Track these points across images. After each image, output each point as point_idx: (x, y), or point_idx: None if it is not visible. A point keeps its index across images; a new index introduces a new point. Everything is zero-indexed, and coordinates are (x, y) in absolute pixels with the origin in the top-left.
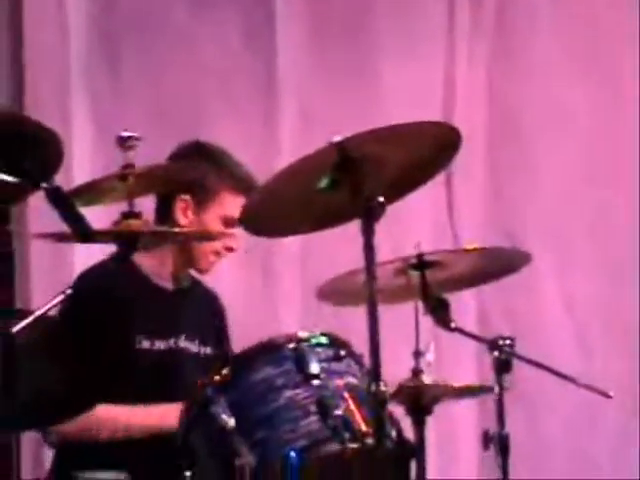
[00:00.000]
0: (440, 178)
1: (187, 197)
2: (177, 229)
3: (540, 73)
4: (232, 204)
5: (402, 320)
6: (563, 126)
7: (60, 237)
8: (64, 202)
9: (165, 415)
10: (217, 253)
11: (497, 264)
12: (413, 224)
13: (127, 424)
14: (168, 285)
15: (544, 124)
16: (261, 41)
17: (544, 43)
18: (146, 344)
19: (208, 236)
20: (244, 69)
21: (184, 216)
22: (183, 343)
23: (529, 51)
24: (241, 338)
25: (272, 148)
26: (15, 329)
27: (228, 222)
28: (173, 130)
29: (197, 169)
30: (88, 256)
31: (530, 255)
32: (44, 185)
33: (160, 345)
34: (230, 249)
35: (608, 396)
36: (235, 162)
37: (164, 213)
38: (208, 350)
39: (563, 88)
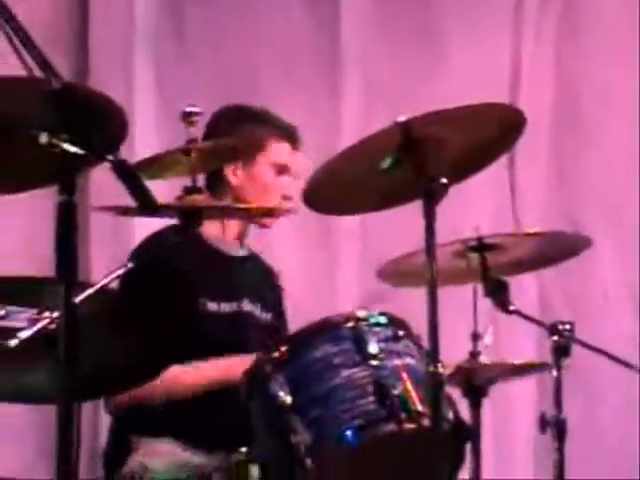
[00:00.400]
0: (503, 160)
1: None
2: (239, 205)
3: (607, 53)
4: (280, 151)
5: (461, 302)
6: (630, 108)
7: (124, 210)
8: (130, 175)
9: (230, 367)
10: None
11: (558, 248)
12: (475, 206)
13: (192, 383)
14: (230, 250)
15: (610, 106)
16: (324, 11)
17: (611, 22)
18: (212, 306)
19: (269, 212)
20: (306, 40)
21: (234, 176)
22: (247, 306)
23: (596, 30)
24: (300, 316)
25: (334, 121)
26: (78, 299)
27: (279, 170)
28: (234, 101)
29: (257, 137)
30: (147, 230)
31: (591, 240)
32: (110, 157)
33: (225, 308)
34: (288, 197)
35: None
36: (274, 114)
37: (214, 178)
38: (269, 317)
39: (631, 68)
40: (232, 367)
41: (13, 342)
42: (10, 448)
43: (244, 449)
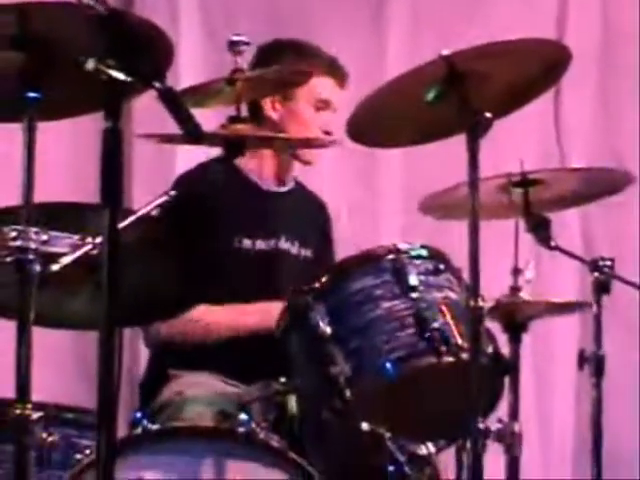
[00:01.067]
0: (549, 94)
1: (275, 94)
2: (283, 135)
3: None
4: (322, 86)
5: (502, 237)
6: None
7: (168, 138)
8: (176, 103)
9: (265, 313)
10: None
11: (601, 184)
12: (519, 140)
13: (226, 325)
14: (269, 186)
15: None
16: None
17: None
18: (247, 243)
19: (313, 143)
20: None
21: (274, 110)
22: (283, 244)
23: None
24: (342, 249)
25: (379, 51)
26: (120, 226)
27: (320, 105)
28: (279, 34)
29: (301, 69)
30: (189, 159)
31: (635, 176)
32: (157, 85)
33: (261, 245)
34: (328, 132)
35: None
36: (317, 47)
37: (254, 111)
38: (308, 253)
39: None
40: (267, 313)
41: (55, 267)
42: (52, 373)
43: (282, 379)
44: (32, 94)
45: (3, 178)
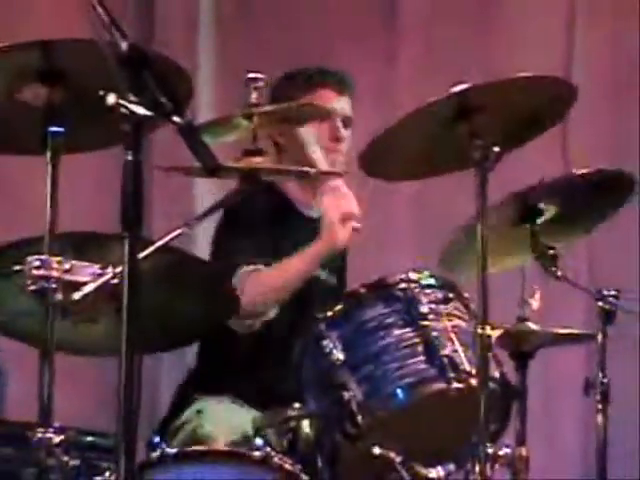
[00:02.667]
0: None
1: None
2: (294, 167)
3: None
4: (324, 98)
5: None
6: None
7: (187, 171)
8: (194, 136)
9: (309, 255)
10: (328, 149)
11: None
12: (526, 172)
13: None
14: (308, 212)
15: None
16: None
17: None
18: None
19: (323, 174)
20: (367, 7)
21: (283, 140)
22: (316, 271)
23: None
24: (355, 277)
25: (392, 86)
26: (141, 255)
27: (324, 117)
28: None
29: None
30: (208, 191)
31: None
32: (176, 119)
33: None
34: (337, 138)
35: None
36: (310, 68)
37: (277, 147)
38: (334, 280)
39: None
40: (311, 255)
41: (77, 295)
42: (73, 398)
43: (297, 405)
44: (56, 128)
45: (29, 209)
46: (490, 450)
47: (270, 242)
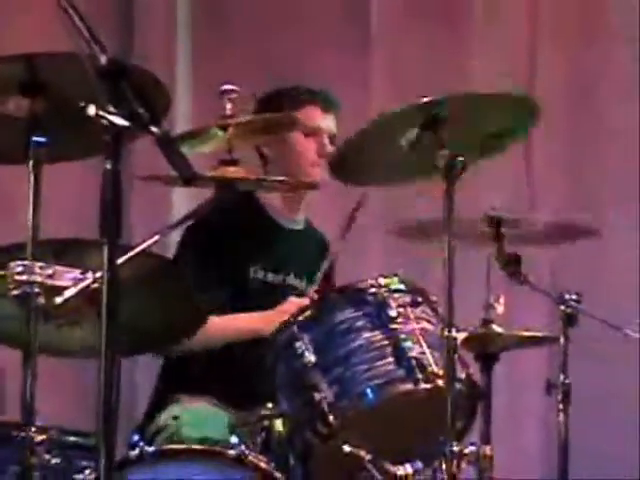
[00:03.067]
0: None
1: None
2: (268, 177)
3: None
4: (310, 115)
5: (476, 272)
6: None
7: (164, 180)
8: (171, 146)
9: (266, 319)
10: (314, 163)
11: (569, 233)
12: (492, 182)
13: (226, 332)
14: (286, 223)
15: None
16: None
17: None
18: (260, 274)
19: (300, 186)
20: (338, 26)
21: (270, 150)
22: (292, 280)
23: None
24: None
25: (364, 102)
26: (119, 261)
27: (308, 130)
28: (270, 77)
29: (289, 117)
30: (186, 198)
31: (600, 231)
32: (154, 129)
33: (272, 278)
34: (322, 155)
35: None
36: (300, 86)
37: (261, 157)
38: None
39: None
40: (264, 320)
41: (59, 299)
42: (55, 399)
43: (270, 405)
44: (38, 138)
45: (10, 216)
46: (456, 448)
47: (229, 265)
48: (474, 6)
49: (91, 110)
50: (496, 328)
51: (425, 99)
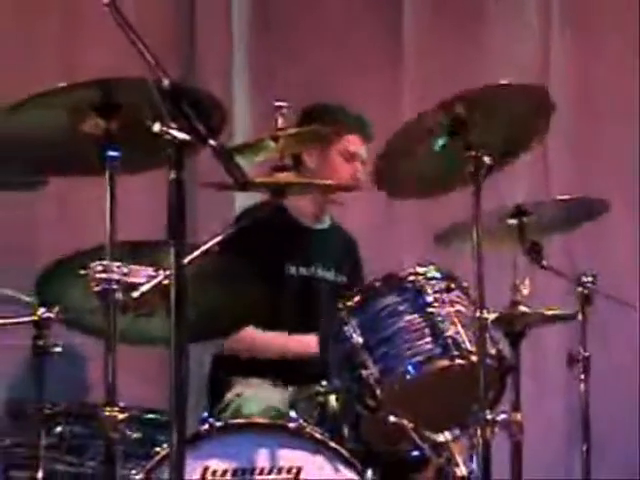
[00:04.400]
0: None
1: (313, 149)
2: (317, 181)
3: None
4: (351, 141)
5: (503, 259)
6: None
7: (223, 186)
8: (226, 157)
9: (304, 344)
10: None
11: (582, 212)
12: (513, 178)
13: (274, 349)
14: (310, 224)
15: (618, 102)
16: (390, 18)
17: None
18: (293, 270)
19: (342, 187)
20: (374, 42)
21: (312, 161)
22: (320, 272)
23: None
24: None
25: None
26: (186, 259)
27: (348, 157)
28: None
29: (330, 128)
30: (246, 201)
31: (609, 203)
32: (211, 142)
33: (303, 272)
34: (356, 179)
35: None
36: (348, 111)
37: (296, 163)
38: (343, 279)
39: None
40: (309, 344)
41: (134, 294)
42: (134, 382)
43: (323, 382)
44: (112, 153)
45: (94, 222)
46: (489, 416)
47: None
48: (498, 27)
49: (156, 127)
50: (522, 308)
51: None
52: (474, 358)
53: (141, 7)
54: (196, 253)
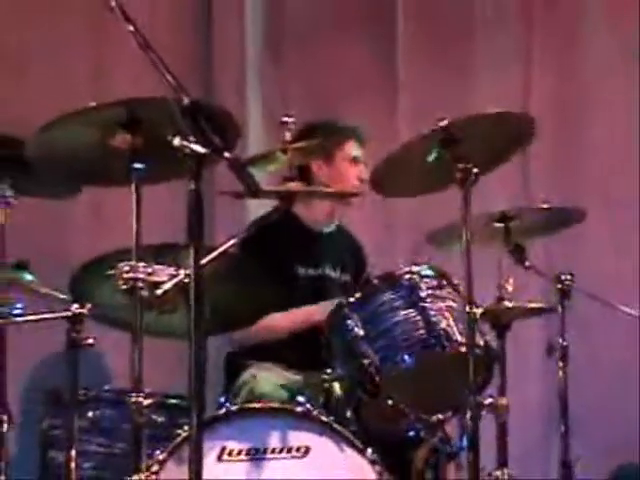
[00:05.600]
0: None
1: (319, 159)
2: (322, 188)
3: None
4: (351, 147)
5: (489, 260)
6: (610, 116)
7: (237, 194)
8: (239, 168)
9: (310, 313)
10: (355, 187)
11: (560, 219)
12: (497, 186)
13: (282, 326)
14: (317, 228)
15: (595, 114)
16: (385, 51)
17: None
18: (301, 270)
19: (345, 194)
20: (371, 71)
21: (319, 170)
22: (328, 271)
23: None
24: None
25: (392, 128)
26: (204, 260)
27: (352, 161)
28: (320, 110)
29: (331, 142)
30: (259, 208)
31: (585, 212)
32: (226, 155)
33: (311, 272)
34: (362, 180)
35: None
36: (343, 123)
37: (306, 175)
38: (348, 277)
39: (610, 87)
40: (311, 312)
41: (159, 292)
42: (158, 371)
43: (328, 370)
44: (138, 165)
45: (121, 226)
46: (478, 400)
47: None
48: (479, 58)
49: (177, 141)
50: (507, 303)
51: (442, 123)
52: (464, 348)
53: (162, 30)
54: (213, 254)
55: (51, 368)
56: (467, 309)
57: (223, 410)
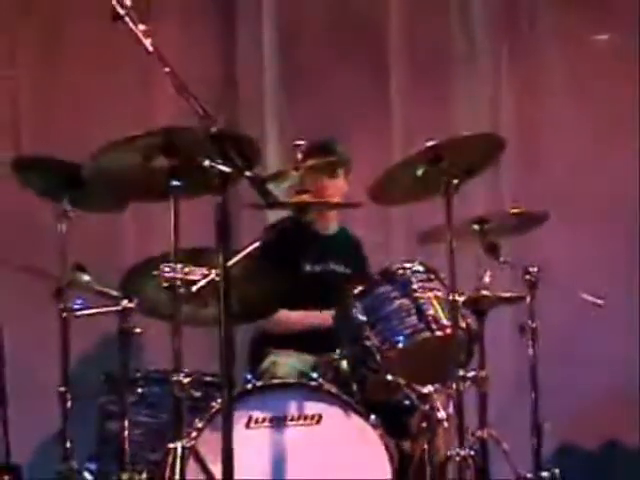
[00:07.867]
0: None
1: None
2: (330, 200)
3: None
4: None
5: (470, 256)
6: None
7: (258, 206)
8: (260, 184)
9: (320, 318)
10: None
11: (528, 221)
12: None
13: (294, 323)
14: (322, 231)
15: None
16: (380, 81)
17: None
18: (309, 267)
19: (351, 205)
20: (367, 96)
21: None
22: (332, 266)
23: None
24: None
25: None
26: (230, 263)
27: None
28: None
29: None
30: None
31: (548, 214)
32: (247, 174)
33: (317, 268)
34: (341, 194)
35: (599, 305)
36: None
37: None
38: (349, 270)
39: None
40: (322, 319)
41: (194, 288)
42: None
43: (337, 351)
44: (175, 183)
45: (162, 234)
46: (461, 373)
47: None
48: (456, 87)
49: (207, 163)
50: (485, 292)
51: (428, 144)
52: (449, 331)
53: (193, 65)
54: (238, 257)
55: (106, 353)
56: (451, 297)
57: (249, 385)
